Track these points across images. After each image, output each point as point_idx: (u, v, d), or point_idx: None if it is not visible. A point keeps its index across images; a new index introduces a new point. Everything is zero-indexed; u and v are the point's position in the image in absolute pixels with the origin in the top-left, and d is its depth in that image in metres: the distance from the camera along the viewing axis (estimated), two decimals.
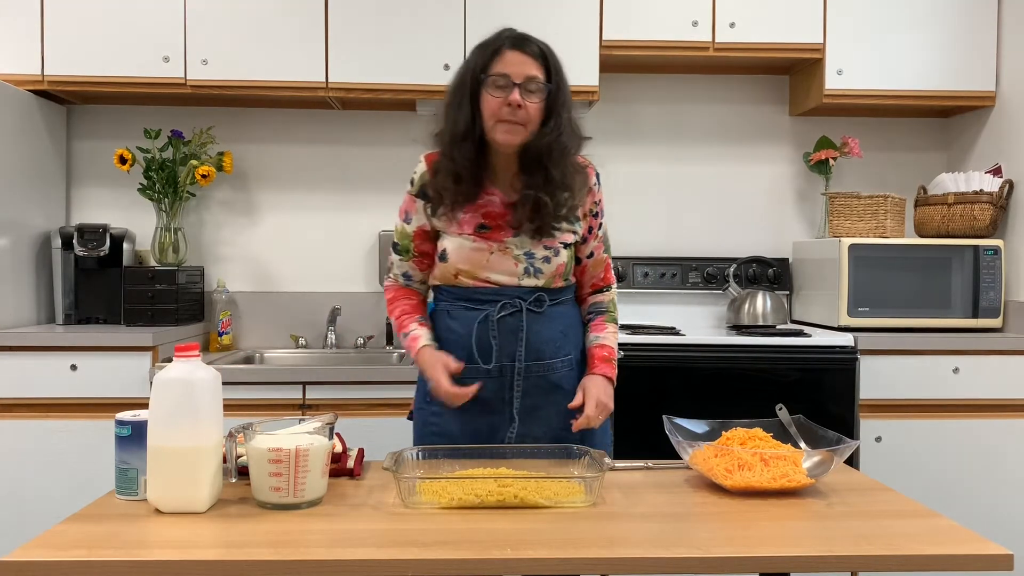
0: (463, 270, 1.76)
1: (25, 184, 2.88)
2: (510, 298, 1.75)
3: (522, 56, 1.67)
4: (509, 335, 1.74)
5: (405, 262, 1.85)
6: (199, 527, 1.28)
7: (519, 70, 1.66)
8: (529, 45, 1.69)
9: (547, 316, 1.78)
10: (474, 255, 1.74)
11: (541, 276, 1.76)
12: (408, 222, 1.82)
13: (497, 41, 1.70)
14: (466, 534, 1.24)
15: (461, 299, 1.78)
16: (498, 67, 1.67)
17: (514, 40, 1.69)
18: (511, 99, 1.65)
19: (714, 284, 3.18)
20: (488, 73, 1.67)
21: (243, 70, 2.85)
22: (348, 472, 1.56)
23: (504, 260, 1.75)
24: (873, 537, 1.23)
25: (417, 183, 1.81)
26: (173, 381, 1.35)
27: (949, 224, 2.97)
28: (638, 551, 1.18)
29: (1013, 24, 2.95)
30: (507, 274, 1.75)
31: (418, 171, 1.81)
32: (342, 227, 3.24)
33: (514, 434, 1.75)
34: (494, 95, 1.67)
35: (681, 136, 3.31)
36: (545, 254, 1.75)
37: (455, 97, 1.73)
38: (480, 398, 1.73)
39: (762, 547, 1.19)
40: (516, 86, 1.66)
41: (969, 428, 2.72)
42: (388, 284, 1.90)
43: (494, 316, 1.74)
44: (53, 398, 2.61)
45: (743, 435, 1.56)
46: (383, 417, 2.62)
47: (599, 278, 1.90)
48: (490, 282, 1.75)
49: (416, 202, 1.81)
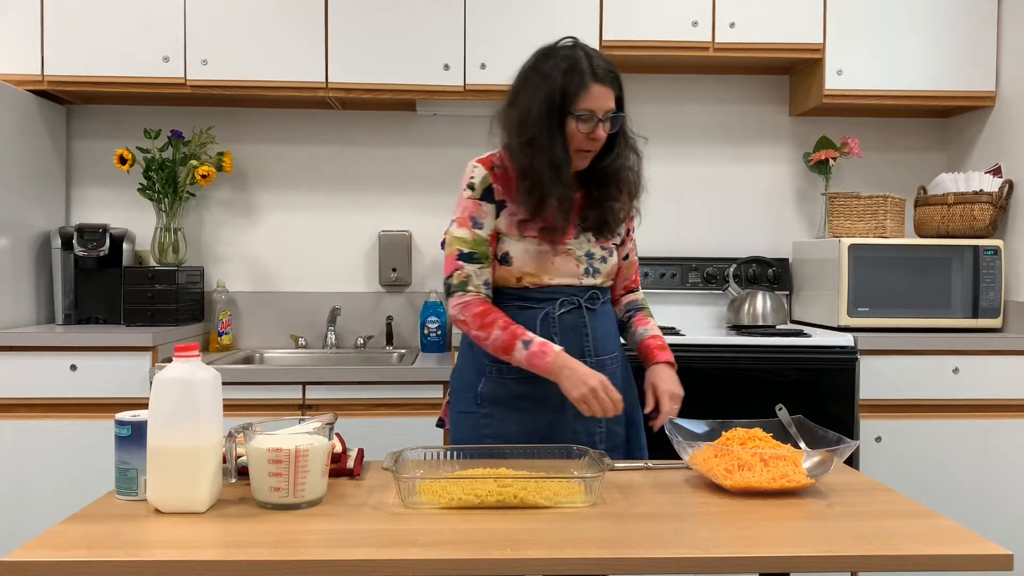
0: (528, 273, 1.78)
1: (25, 184, 2.88)
2: (567, 295, 1.79)
3: (606, 90, 1.71)
4: (571, 332, 1.77)
5: (486, 269, 1.77)
6: (199, 527, 1.28)
7: (603, 104, 1.71)
8: (612, 79, 1.73)
9: (600, 313, 1.84)
10: (539, 258, 1.77)
11: (598, 276, 1.83)
12: (480, 228, 1.77)
13: (581, 69, 1.70)
14: (466, 534, 1.24)
15: (516, 299, 1.80)
16: (586, 102, 1.70)
17: (599, 74, 1.70)
18: (596, 135, 1.72)
19: (714, 284, 3.18)
20: (575, 109, 1.70)
21: (243, 70, 2.85)
22: (348, 472, 1.56)
23: (567, 262, 1.79)
24: (873, 537, 1.23)
25: (480, 187, 1.78)
26: (173, 381, 1.35)
27: (949, 224, 2.97)
28: (638, 551, 1.18)
29: (1013, 24, 2.95)
30: (569, 275, 1.80)
31: (477, 175, 1.78)
32: (342, 227, 3.24)
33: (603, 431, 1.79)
34: (580, 129, 1.71)
35: (681, 136, 3.31)
36: (602, 254, 1.83)
37: (544, 124, 1.70)
38: (542, 396, 1.76)
39: (762, 547, 1.19)
40: (600, 121, 1.71)
41: (969, 428, 2.73)
42: (469, 300, 1.75)
43: (554, 313, 1.77)
44: (53, 398, 2.62)
45: (743, 435, 1.56)
46: (383, 417, 2.62)
47: (631, 280, 1.98)
48: (551, 284, 1.79)
49: (482, 205, 1.78)
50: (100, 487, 2.53)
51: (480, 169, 1.79)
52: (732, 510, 1.37)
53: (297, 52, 2.86)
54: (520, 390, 1.78)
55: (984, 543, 1.20)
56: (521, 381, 1.76)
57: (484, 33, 2.89)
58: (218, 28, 2.85)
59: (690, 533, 1.25)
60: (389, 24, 2.87)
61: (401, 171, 3.24)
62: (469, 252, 1.76)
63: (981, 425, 2.72)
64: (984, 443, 2.72)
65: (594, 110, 1.70)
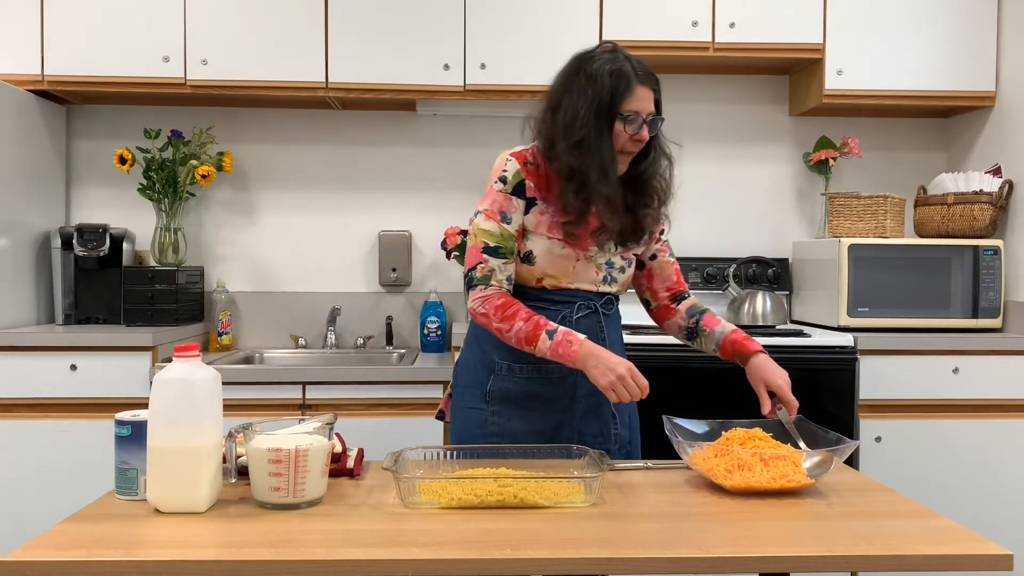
0: (549, 275, 1.78)
1: (25, 184, 2.88)
2: (584, 299, 1.80)
3: (649, 92, 1.73)
4: (588, 335, 1.75)
5: (510, 264, 1.75)
6: (199, 527, 1.28)
7: (647, 106, 1.72)
8: (654, 80, 1.75)
9: (613, 318, 1.86)
10: (561, 262, 1.77)
11: (615, 284, 1.84)
12: (508, 222, 1.74)
13: (626, 72, 1.70)
14: (466, 534, 1.24)
15: (534, 299, 1.79)
16: (631, 103, 1.70)
17: (643, 75, 1.72)
18: (640, 136, 1.72)
19: (714, 284, 3.18)
20: (623, 110, 1.70)
21: (243, 70, 2.85)
22: (348, 472, 1.56)
23: (588, 268, 1.79)
24: (873, 537, 1.23)
25: (512, 181, 1.75)
26: (173, 381, 1.35)
27: (949, 224, 2.97)
28: (638, 551, 1.18)
29: (1013, 24, 2.95)
30: (588, 282, 1.80)
31: (510, 169, 1.76)
32: (342, 227, 3.24)
33: (618, 430, 1.81)
34: (627, 131, 1.71)
35: (681, 136, 3.27)
36: (622, 264, 1.83)
37: (595, 125, 1.70)
38: (550, 397, 1.78)
39: (762, 547, 1.19)
40: (644, 123, 1.72)
41: (969, 428, 2.73)
42: (490, 293, 1.73)
43: (572, 317, 1.78)
44: (53, 398, 2.62)
45: (743, 435, 1.56)
46: (383, 417, 2.62)
47: (672, 281, 1.94)
48: (570, 288, 1.79)
49: (512, 200, 1.75)
50: (100, 487, 2.53)
51: (514, 163, 1.76)
52: (732, 510, 1.37)
53: (297, 52, 2.86)
54: (529, 389, 1.78)
55: (984, 543, 1.20)
56: (531, 380, 1.78)
57: (484, 33, 2.89)
58: (218, 28, 2.85)
59: (690, 533, 1.25)
60: (389, 24, 2.87)
61: (401, 171, 3.24)
62: (496, 246, 1.74)
63: (981, 425, 2.72)
64: (984, 443, 2.72)
65: (639, 111, 1.71)
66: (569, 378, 1.78)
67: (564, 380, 1.78)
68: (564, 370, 1.77)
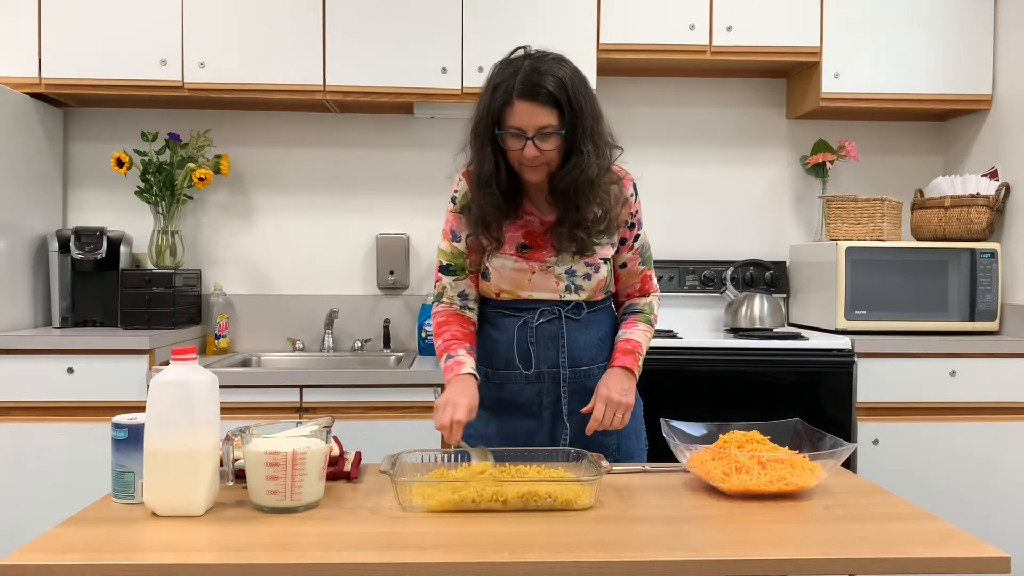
0: (504, 289, 1.79)
1: (22, 187, 2.88)
2: (547, 307, 1.78)
3: (531, 106, 1.61)
4: (548, 341, 1.77)
5: (461, 281, 1.81)
6: (196, 530, 1.27)
7: (531, 121, 1.62)
8: (539, 93, 1.61)
9: (584, 323, 1.81)
10: (516, 275, 1.77)
11: (582, 292, 1.80)
12: (458, 240, 1.79)
13: (507, 86, 1.62)
14: (463, 537, 1.24)
15: (501, 308, 1.81)
16: (510, 120, 1.63)
17: (523, 89, 1.61)
18: (525, 154, 1.64)
19: (711, 287, 3.18)
20: (502, 128, 1.65)
21: (240, 73, 2.85)
22: (345, 475, 1.56)
23: (546, 279, 1.78)
24: (870, 540, 1.23)
25: (460, 201, 1.79)
26: (170, 384, 1.35)
27: (946, 227, 2.98)
28: (635, 554, 1.18)
29: (1009, 28, 2.96)
30: (549, 291, 1.79)
31: (459, 189, 1.79)
32: (339, 230, 3.24)
33: (567, 440, 1.77)
34: (512, 147, 1.66)
35: (678, 139, 3.32)
36: (586, 271, 1.78)
37: (476, 143, 1.71)
38: (518, 403, 1.79)
39: (760, 550, 1.19)
40: (529, 139, 1.63)
41: (966, 431, 2.73)
42: (440, 309, 1.82)
43: (533, 323, 1.78)
44: (49, 401, 2.61)
45: (740, 438, 1.56)
46: (380, 420, 2.62)
47: (635, 289, 1.90)
48: (531, 299, 1.79)
49: (461, 219, 1.79)
50: (97, 490, 2.52)
51: (463, 183, 1.79)
52: (730, 513, 1.37)
53: (295, 55, 2.86)
54: (500, 395, 1.81)
55: (981, 545, 1.21)
56: (499, 387, 1.81)
57: (482, 36, 2.89)
58: (215, 31, 2.85)
59: (687, 536, 1.25)
60: (387, 27, 2.87)
61: (398, 174, 3.24)
62: (447, 264, 1.82)
63: (978, 428, 2.73)
64: (981, 446, 2.73)
65: (522, 127, 1.62)
66: (535, 385, 1.79)
67: (531, 387, 1.79)
68: (530, 378, 1.78)
